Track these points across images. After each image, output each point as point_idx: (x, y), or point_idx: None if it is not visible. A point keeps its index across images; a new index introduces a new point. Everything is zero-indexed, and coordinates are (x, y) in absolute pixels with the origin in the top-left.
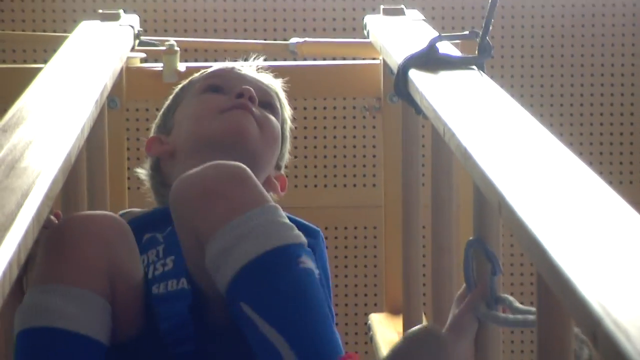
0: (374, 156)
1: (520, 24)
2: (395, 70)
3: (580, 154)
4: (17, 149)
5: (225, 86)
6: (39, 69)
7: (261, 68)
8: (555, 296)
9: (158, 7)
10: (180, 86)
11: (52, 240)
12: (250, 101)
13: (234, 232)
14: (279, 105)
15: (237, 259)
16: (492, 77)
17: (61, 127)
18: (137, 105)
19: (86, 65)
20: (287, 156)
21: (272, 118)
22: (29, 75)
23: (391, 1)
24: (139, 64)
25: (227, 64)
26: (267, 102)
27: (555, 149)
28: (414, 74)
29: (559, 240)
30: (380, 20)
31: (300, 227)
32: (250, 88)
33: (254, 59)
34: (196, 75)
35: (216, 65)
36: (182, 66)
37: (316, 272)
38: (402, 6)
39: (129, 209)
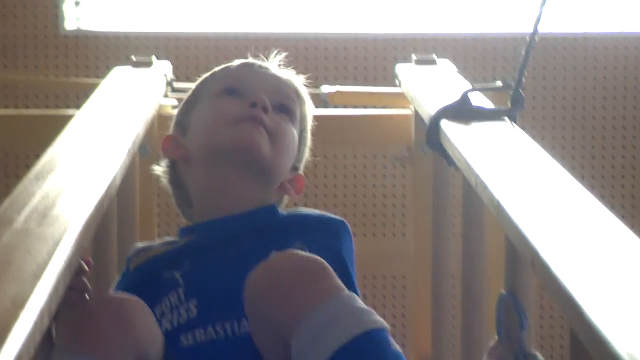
0: (403, 205)
1: (552, 75)
2: (426, 120)
3: (612, 207)
4: (50, 197)
5: (243, 88)
6: (72, 115)
7: (283, 64)
8: (589, 354)
9: (190, 54)
10: (200, 80)
11: (80, 317)
12: (263, 110)
13: (322, 318)
14: (297, 106)
15: (331, 342)
16: (522, 128)
17: (93, 176)
18: None
19: (119, 112)
20: (306, 155)
21: (286, 126)
22: (62, 122)
23: (423, 50)
24: (170, 111)
25: (249, 61)
26: (283, 104)
27: (588, 203)
28: (446, 125)
29: (594, 297)
30: (411, 70)
31: (324, 219)
32: (264, 98)
33: (276, 54)
34: (217, 69)
35: (237, 61)
36: None
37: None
38: (434, 55)
39: (148, 243)
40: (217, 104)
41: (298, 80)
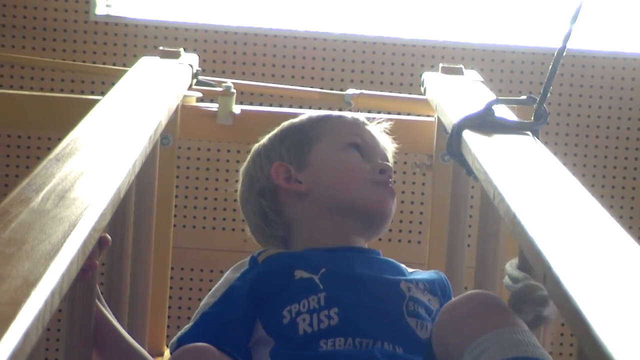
0: (421, 213)
1: (578, 92)
2: (449, 129)
3: (629, 228)
4: (68, 179)
5: (364, 148)
6: (96, 101)
7: (383, 129)
8: None
9: (218, 48)
10: (316, 119)
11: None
12: (389, 179)
13: (484, 344)
14: None
15: None
16: (545, 143)
17: (113, 161)
18: (190, 144)
19: (143, 100)
20: None
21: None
22: (86, 107)
23: (451, 59)
24: (194, 103)
25: (360, 119)
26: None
27: (604, 222)
28: (468, 135)
29: (604, 317)
30: (438, 78)
31: (431, 273)
32: (390, 166)
33: (378, 122)
34: (332, 116)
35: (348, 115)
36: (237, 109)
37: None
38: (461, 66)
39: (266, 249)
40: (348, 158)
41: (392, 146)
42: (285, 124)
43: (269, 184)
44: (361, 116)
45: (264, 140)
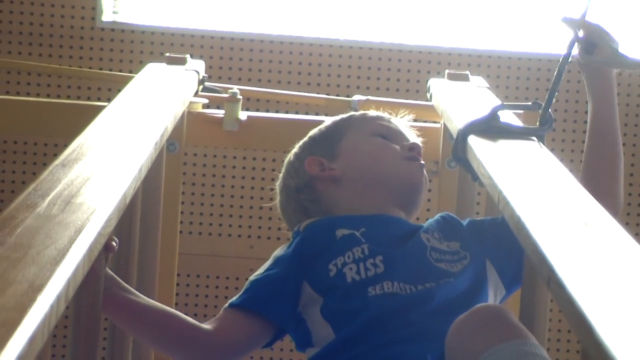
0: (427, 219)
1: (583, 98)
2: (454, 134)
3: (635, 235)
4: (75, 185)
5: (390, 136)
6: (103, 107)
7: (411, 126)
8: None
9: (224, 55)
10: (339, 119)
11: None
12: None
13: (490, 358)
14: None
15: None
16: (551, 149)
17: (119, 166)
18: (196, 151)
19: (149, 106)
20: None
21: None
22: (92, 113)
23: (457, 66)
24: (200, 110)
25: (381, 114)
26: None
27: (609, 227)
28: (473, 140)
29: (607, 320)
30: (444, 85)
31: None
32: (419, 143)
33: (402, 116)
34: (355, 114)
35: (371, 112)
36: (243, 115)
37: None
38: (467, 72)
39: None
40: (379, 141)
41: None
42: (312, 130)
43: (303, 179)
44: (385, 113)
45: (294, 149)
